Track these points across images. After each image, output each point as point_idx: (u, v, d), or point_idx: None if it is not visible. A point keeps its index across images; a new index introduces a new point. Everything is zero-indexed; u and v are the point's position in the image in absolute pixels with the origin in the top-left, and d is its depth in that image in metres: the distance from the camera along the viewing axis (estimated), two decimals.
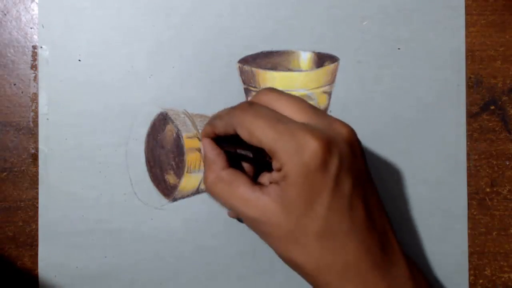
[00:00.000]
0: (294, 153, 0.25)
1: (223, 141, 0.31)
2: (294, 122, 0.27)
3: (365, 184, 0.28)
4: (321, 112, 0.28)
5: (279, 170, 0.26)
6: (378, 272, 0.27)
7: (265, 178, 0.32)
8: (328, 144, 0.26)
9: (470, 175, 0.36)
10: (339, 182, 0.26)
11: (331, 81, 0.35)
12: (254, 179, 0.31)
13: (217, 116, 0.30)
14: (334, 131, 0.27)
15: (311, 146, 0.25)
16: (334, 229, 0.26)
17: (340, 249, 0.26)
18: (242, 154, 0.30)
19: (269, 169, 0.29)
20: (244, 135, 0.27)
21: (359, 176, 0.27)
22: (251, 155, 0.30)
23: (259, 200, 0.27)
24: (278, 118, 0.27)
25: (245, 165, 0.32)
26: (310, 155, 0.25)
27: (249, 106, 0.28)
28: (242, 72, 0.35)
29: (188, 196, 0.35)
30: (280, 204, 0.26)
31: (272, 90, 0.29)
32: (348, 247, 0.26)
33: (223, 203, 0.29)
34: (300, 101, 0.28)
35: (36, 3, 0.35)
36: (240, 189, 0.28)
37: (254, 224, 0.27)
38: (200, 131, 0.35)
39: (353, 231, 0.26)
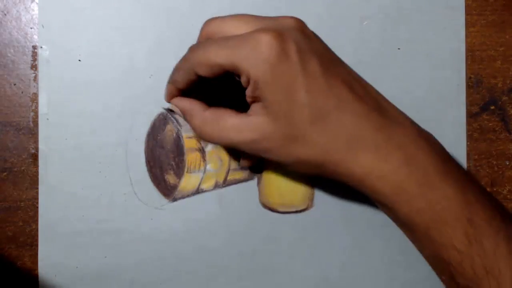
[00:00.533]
0: (252, 55, 0.26)
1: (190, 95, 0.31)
2: (240, 35, 0.27)
3: (334, 62, 0.28)
4: (265, 17, 0.28)
5: (249, 83, 0.27)
6: (383, 133, 0.27)
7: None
8: (279, 34, 0.26)
9: None
10: (306, 64, 0.26)
11: None
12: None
13: (174, 71, 0.30)
14: (280, 24, 0.27)
15: (264, 40, 0.26)
16: (322, 109, 0.26)
17: (337, 125, 0.26)
18: (218, 93, 0.30)
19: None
20: (204, 70, 0.27)
21: (323, 56, 0.27)
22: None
23: (249, 122, 0.27)
24: (227, 37, 0.27)
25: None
26: (266, 49, 0.26)
27: (197, 43, 0.29)
28: None
29: (188, 196, 0.35)
30: (266, 113, 0.27)
31: (213, 18, 0.29)
32: (344, 121, 0.26)
33: (219, 141, 0.29)
34: (243, 15, 0.28)
35: (36, 3, 0.35)
36: (228, 120, 0.28)
37: (254, 146, 0.28)
38: None
39: (342, 105, 0.27)
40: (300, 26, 0.28)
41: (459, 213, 0.26)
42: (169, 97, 0.32)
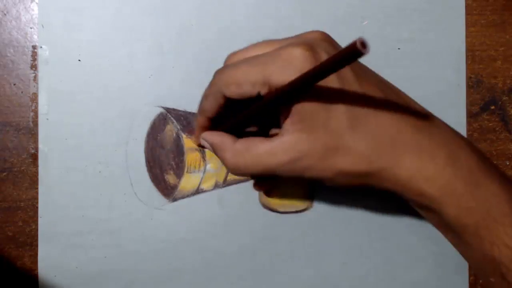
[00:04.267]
0: (285, 68, 0.25)
1: (219, 124, 0.30)
2: (269, 51, 0.26)
3: (362, 68, 0.27)
4: (287, 38, 0.28)
5: None
6: (424, 134, 0.26)
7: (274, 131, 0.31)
8: (310, 46, 0.25)
9: None
10: (339, 72, 0.25)
11: None
12: None
13: (202, 99, 0.30)
14: (307, 38, 0.27)
15: (296, 53, 0.25)
16: (360, 115, 0.26)
17: (377, 130, 0.26)
18: (243, 123, 0.29)
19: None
20: (233, 91, 0.27)
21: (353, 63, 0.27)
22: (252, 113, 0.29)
23: (283, 143, 0.26)
24: (256, 56, 0.27)
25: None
26: (299, 61, 0.25)
27: (222, 68, 0.28)
28: None
29: (188, 196, 0.35)
30: (301, 128, 0.26)
31: (236, 51, 0.28)
32: (382, 124, 0.26)
33: (254, 170, 0.27)
34: (266, 41, 0.28)
35: (36, 3, 0.35)
36: (260, 146, 0.27)
37: (292, 167, 0.26)
38: None
39: (377, 108, 0.26)
40: (325, 37, 0.27)
41: (507, 209, 0.26)
42: (200, 131, 0.31)
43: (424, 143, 0.26)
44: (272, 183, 0.35)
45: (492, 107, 0.36)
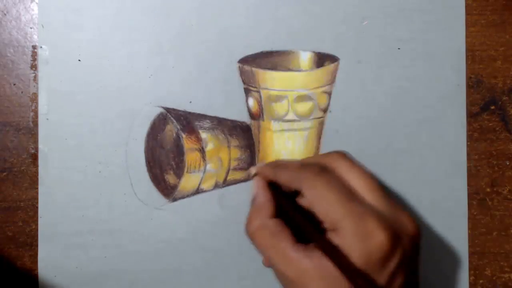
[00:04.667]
0: (360, 238, 0.25)
1: (276, 187, 0.30)
2: (363, 204, 0.26)
3: (412, 277, 0.27)
4: (388, 197, 0.28)
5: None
6: None
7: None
8: (395, 239, 0.25)
9: (470, 175, 0.36)
10: (393, 278, 0.26)
11: (331, 81, 0.35)
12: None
13: (284, 167, 0.30)
14: (401, 224, 0.27)
15: (379, 237, 0.25)
16: None
17: None
18: (291, 210, 0.29)
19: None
20: (309, 199, 0.27)
21: (411, 272, 0.27)
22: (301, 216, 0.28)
23: (300, 262, 0.26)
24: (349, 195, 0.27)
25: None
26: (375, 246, 0.25)
27: (320, 171, 0.28)
28: (242, 72, 0.35)
29: (188, 196, 0.35)
30: (321, 275, 0.25)
31: (345, 157, 0.29)
32: None
33: (262, 252, 0.28)
34: (371, 178, 0.28)
35: (36, 3, 0.35)
36: (283, 244, 0.27)
37: (287, 283, 0.27)
38: (200, 131, 0.35)
39: None
40: (415, 236, 0.27)
41: None
42: (259, 175, 0.31)
43: None
44: None
45: (492, 107, 0.36)
